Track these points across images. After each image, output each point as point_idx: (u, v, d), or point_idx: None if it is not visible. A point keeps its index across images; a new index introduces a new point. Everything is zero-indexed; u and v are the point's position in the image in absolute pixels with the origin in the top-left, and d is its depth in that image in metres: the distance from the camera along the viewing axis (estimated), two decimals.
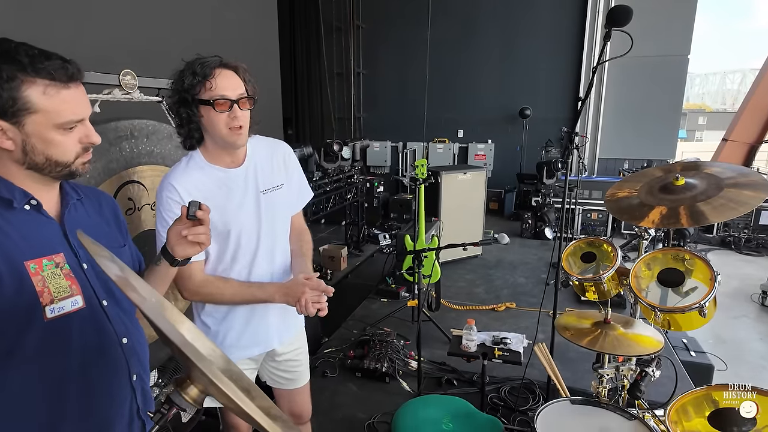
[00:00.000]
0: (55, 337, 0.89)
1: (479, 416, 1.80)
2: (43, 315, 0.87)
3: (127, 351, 1.01)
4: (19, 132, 0.86)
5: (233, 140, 1.30)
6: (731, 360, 3.59)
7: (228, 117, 1.26)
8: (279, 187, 1.46)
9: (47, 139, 0.88)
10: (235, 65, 1.30)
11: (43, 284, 0.87)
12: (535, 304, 4.03)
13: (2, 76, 0.82)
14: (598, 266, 2.01)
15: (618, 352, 1.67)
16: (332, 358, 3.12)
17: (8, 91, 0.82)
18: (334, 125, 8.65)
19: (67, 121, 0.89)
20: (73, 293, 0.91)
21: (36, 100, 0.85)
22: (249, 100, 1.29)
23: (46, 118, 0.87)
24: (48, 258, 0.89)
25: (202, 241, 1.06)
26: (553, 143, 7.67)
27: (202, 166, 1.35)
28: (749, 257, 6.23)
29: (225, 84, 1.25)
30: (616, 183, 2.05)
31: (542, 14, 7.87)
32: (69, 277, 0.91)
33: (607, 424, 1.57)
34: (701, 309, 1.59)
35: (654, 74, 7.33)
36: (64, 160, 0.91)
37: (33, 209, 0.91)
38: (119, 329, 1.00)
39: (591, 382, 1.94)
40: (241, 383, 0.83)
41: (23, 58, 0.83)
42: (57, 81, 0.86)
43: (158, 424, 0.77)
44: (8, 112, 0.84)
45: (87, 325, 0.94)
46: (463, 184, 5.02)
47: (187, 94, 1.26)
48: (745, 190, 1.62)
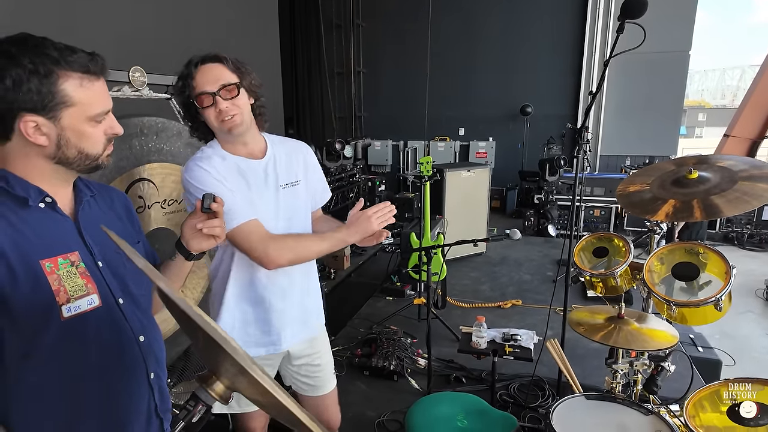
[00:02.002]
0: (72, 337, 0.88)
1: (493, 412, 1.79)
2: (59, 314, 0.86)
3: (144, 349, 1.00)
4: (54, 126, 0.86)
5: (227, 129, 1.30)
6: (738, 355, 3.58)
7: (214, 110, 1.28)
8: (297, 183, 1.47)
9: (81, 132, 0.88)
10: (217, 55, 1.29)
11: (59, 283, 0.86)
12: (541, 301, 4.03)
13: (39, 71, 0.81)
14: (610, 261, 2.00)
15: (633, 347, 1.66)
16: (339, 356, 3.10)
17: (47, 86, 0.82)
18: (335, 124, 8.63)
19: (99, 113, 0.90)
20: (89, 292, 0.90)
21: (72, 93, 0.85)
22: (234, 86, 1.28)
23: (81, 110, 0.87)
24: (63, 256, 0.89)
25: (217, 234, 1.06)
26: (554, 140, 7.65)
27: (222, 155, 1.36)
28: (753, 253, 6.23)
29: (204, 78, 1.27)
30: (626, 178, 2.04)
31: (543, 11, 7.85)
32: (85, 275, 0.91)
33: (624, 420, 1.56)
34: (717, 303, 1.59)
35: (655, 70, 7.32)
36: (94, 153, 0.91)
37: (48, 207, 0.90)
38: (136, 327, 0.99)
39: (604, 378, 1.94)
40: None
41: (52, 51, 0.83)
42: (90, 73, 0.87)
43: (184, 421, 0.76)
44: (47, 107, 0.83)
45: (103, 324, 0.93)
46: (466, 182, 5.01)
47: (181, 98, 1.30)
48: (759, 183, 1.61)
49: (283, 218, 1.42)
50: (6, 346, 0.84)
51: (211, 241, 1.07)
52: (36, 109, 0.83)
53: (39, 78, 0.82)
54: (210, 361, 0.70)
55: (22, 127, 0.84)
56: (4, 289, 0.81)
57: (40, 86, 0.82)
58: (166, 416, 1.09)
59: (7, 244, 0.82)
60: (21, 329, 0.84)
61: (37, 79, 0.81)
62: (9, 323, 0.83)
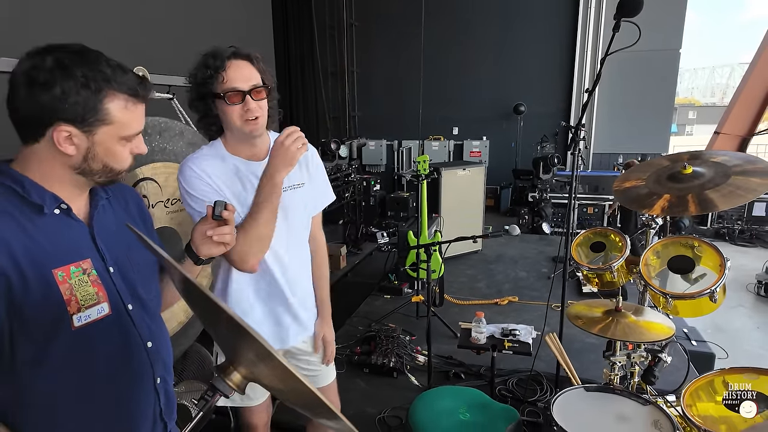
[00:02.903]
0: (82, 345, 0.89)
1: (495, 405, 1.82)
2: (70, 324, 0.86)
3: (152, 355, 1.01)
4: (87, 139, 0.86)
5: (248, 131, 1.29)
6: (731, 348, 3.64)
7: (241, 109, 1.26)
8: (298, 186, 1.46)
9: (111, 150, 0.89)
10: (248, 54, 1.29)
11: (71, 292, 0.87)
12: (537, 298, 4.07)
13: (90, 87, 0.82)
14: (607, 256, 2.04)
15: (630, 339, 1.70)
16: (339, 354, 3.11)
17: (93, 102, 0.83)
18: (329, 124, 8.64)
19: (133, 134, 0.91)
20: (100, 300, 0.91)
21: (115, 112, 0.86)
22: (264, 89, 1.29)
23: (117, 130, 0.88)
24: (75, 265, 0.89)
25: (227, 242, 1.06)
26: (548, 139, 7.72)
27: (222, 155, 1.35)
28: (743, 248, 6.32)
29: (236, 75, 1.25)
30: (622, 174, 2.08)
31: (535, 10, 7.91)
32: (96, 283, 0.91)
33: (623, 410, 1.59)
34: (712, 295, 1.62)
35: (646, 69, 7.40)
36: (118, 169, 0.92)
37: (62, 213, 0.90)
38: (144, 333, 1.00)
39: (602, 370, 1.98)
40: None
41: (106, 69, 0.83)
42: (137, 97, 0.88)
43: (202, 411, 0.78)
44: (86, 121, 0.84)
45: (113, 332, 0.94)
46: (462, 180, 5.04)
47: (203, 88, 1.26)
48: (752, 177, 1.65)
49: (282, 219, 1.41)
50: (17, 351, 0.84)
51: (221, 247, 1.08)
52: (75, 121, 0.83)
53: (88, 93, 0.82)
54: (231, 349, 0.72)
55: (55, 136, 0.84)
56: (16, 297, 0.81)
57: (87, 101, 0.83)
58: (170, 420, 1.09)
59: (21, 252, 0.82)
60: (32, 335, 0.84)
61: (86, 94, 0.82)
62: (19, 326, 0.83)
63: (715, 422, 1.44)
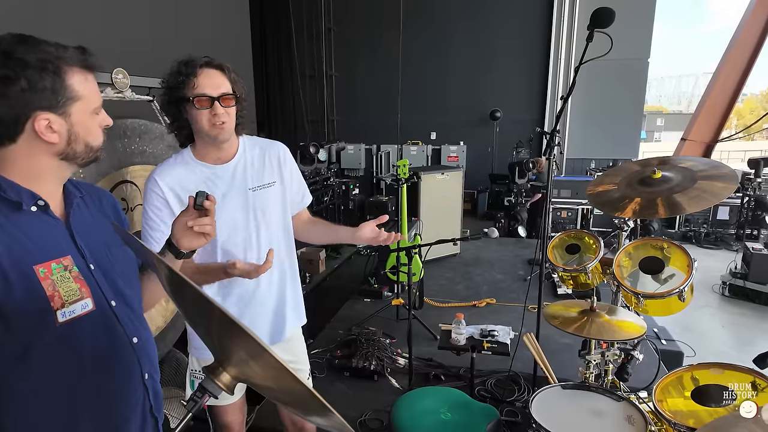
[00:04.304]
0: (68, 341, 0.88)
1: (475, 405, 1.86)
2: (54, 320, 0.86)
3: (138, 351, 1.00)
4: (65, 122, 0.87)
5: (215, 134, 1.35)
6: (698, 347, 3.77)
7: (209, 113, 1.32)
8: (270, 185, 1.49)
9: (87, 126, 0.90)
10: (220, 64, 1.36)
11: (53, 288, 0.86)
12: (514, 300, 4.15)
13: (48, 69, 0.82)
14: (582, 257, 2.10)
15: (605, 338, 1.76)
16: (319, 358, 3.12)
17: (58, 83, 0.83)
18: (308, 128, 8.62)
19: (98, 106, 0.92)
20: (83, 296, 0.90)
21: (78, 87, 0.87)
22: (232, 97, 1.36)
23: (86, 104, 0.89)
24: (56, 261, 0.88)
25: (207, 232, 1.06)
26: (523, 144, 7.87)
27: (188, 162, 1.40)
28: (709, 250, 6.57)
29: (207, 82, 1.32)
30: (595, 178, 2.15)
31: (511, 20, 8.09)
32: (78, 279, 0.90)
33: (598, 406, 1.64)
34: (681, 294, 1.70)
35: (617, 77, 7.64)
36: (96, 145, 0.93)
37: (40, 210, 0.89)
38: (129, 329, 0.99)
39: (578, 369, 2.03)
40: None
41: (51, 48, 0.83)
42: (89, 68, 0.89)
43: (191, 412, 0.78)
44: (59, 103, 0.84)
45: (98, 328, 0.93)
46: (441, 184, 5.11)
47: (174, 93, 1.32)
48: (716, 181, 1.74)
49: (254, 219, 1.45)
50: (1, 350, 0.83)
51: (201, 239, 1.07)
52: (50, 106, 0.84)
53: (50, 75, 0.82)
54: (220, 349, 0.73)
55: (37, 126, 0.83)
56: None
57: (54, 84, 0.83)
58: (161, 416, 1.09)
59: (1, 250, 0.81)
60: (16, 334, 0.83)
61: (49, 77, 0.82)
62: (3, 328, 0.82)
63: (684, 416, 1.51)
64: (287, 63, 8.60)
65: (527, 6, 7.99)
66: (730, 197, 6.77)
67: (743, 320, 4.42)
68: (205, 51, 1.36)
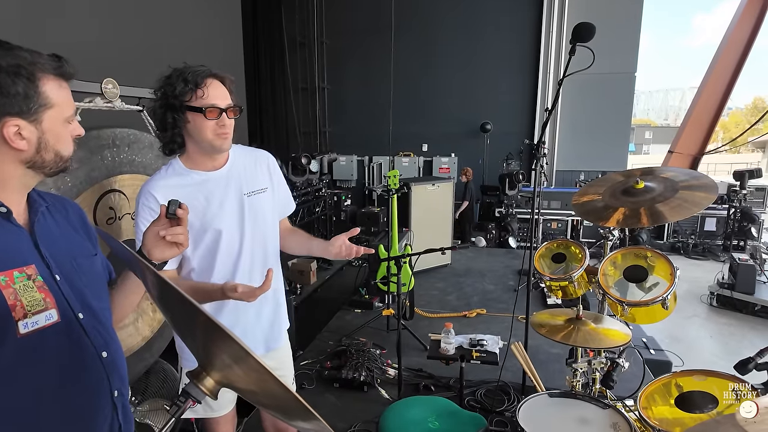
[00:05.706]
0: (30, 354, 0.84)
1: (462, 413, 1.86)
2: (16, 331, 0.82)
3: (107, 366, 0.96)
4: (35, 130, 0.85)
5: (219, 144, 1.35)
6: (686, 356, 3.81)
7: (216, 124, 1.32)
8: (263, 191, 1.51)
9: (58, 134, 0.88)
10: (223, 76, 1.37)
11: (15, 297, 0.82)
12: (504, 310, 4.16)
13: (22, 74, 0.81)
14: (568, 266, 2.13)
15: (591, 345, 1.78)
16: (309, 370, 3.10)
17: (31, 89, 0.82)
18: (300, 139, 8.65)
19: (71, 115, 0.90)
20: (48, 307, 0.86)
21: (52, 94, 0.85)
22: (237, 109, 1.37)
23: (58, 112, 0.87)
24: (19, 270, 0.85)
25: (180, 242, 1.03)
26: (513, 156, 7.96)
27: (180, 172, 1.39)
28: (697, 261, 6.65)
29: (216, 93, 1.32)
30: (580, 189, 2.19)
31: (501, 34, 8.23)
32: (42, 289, 0.86)
33: (584, 414, 1.66)
34: (664, 302, 1.72)
35: (605, 91, 7.79)
36: (66, 155, 0.91)
37: (2, 217, 0.86)
38: (97, 343, 0.95)
39: (565, 377, 2.05)
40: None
41: (26, 54, 0.83)
42: (63, 76, 0.88)
43: (174, 417, 0.79)
44: (31, 110, 0.83)
45: (63, 340, 0.89)
46: (432, 196, 5.14)
47: (176, 101, 1.30)
48: (697, 191, 1.78)
49: (249, 225, 1.45)
50: None
51: (174, 249, 1.04)
52: (21, 112, 0.82)
53: (23, 81, 0.81)
54: (204, 353, 0.73)
55: (5, 132, 0.82)
56: None
57: (27, 90, 0.82)
58: None
59: None
60: None
61: (22, 83, 0.81)
62: None
63: (669, 423, 1.52)
64: (280, 75, 8.66)
65: (517, 21, 8.14)
66: (717, 209, 6.88)
67: (731, 330, 4.46)
68: (196, 62, 1.35)
